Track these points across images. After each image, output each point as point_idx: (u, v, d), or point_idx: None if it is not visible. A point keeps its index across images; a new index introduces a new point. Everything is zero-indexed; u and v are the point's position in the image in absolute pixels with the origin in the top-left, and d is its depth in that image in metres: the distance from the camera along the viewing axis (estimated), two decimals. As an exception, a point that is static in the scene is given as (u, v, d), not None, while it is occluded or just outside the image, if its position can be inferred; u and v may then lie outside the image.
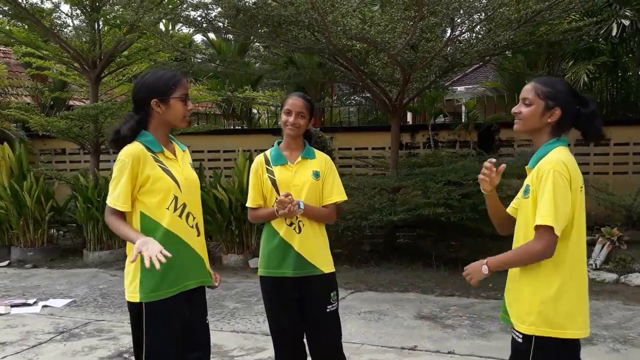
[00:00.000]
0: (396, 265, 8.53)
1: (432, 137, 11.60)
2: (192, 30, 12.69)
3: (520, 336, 2.70)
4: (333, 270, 3.66)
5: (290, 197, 3.43)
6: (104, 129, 10.07)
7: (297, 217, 3.53)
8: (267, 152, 3.71)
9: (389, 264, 8.58)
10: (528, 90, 2.73)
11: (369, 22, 7.59)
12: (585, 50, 11.57)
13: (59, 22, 10.66)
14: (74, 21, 11.00)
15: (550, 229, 2.53)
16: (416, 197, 8.56)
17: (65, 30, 10.89)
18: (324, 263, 3.61)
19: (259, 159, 3.70)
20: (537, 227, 2.57)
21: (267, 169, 3.63)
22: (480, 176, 2.94)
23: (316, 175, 3.60)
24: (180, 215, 2.94)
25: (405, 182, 8.66)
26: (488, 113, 12.09)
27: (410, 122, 16.88)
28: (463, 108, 15.88)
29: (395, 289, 7.36)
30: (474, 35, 8.65)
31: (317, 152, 3.72)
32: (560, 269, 2.63)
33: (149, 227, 2.89)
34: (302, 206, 3.48)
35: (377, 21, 7.63)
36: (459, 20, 7.98)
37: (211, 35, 18.15)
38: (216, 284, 3.20)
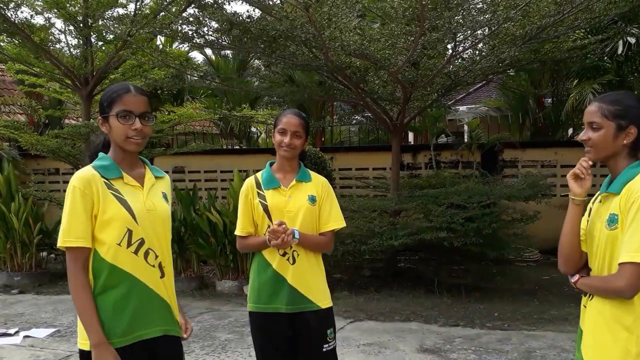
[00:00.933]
0: (397, 292, 8.17)
1: (434, 157, 11.30)
2: (187, 47, 12.51)
3: None
4: (330, 304, 3.35)
5: (284, 226, 3.12)
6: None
7: (291, 247, 3.22)
8: (258, 175, 3.39)
9: (390, 291, 8.21)
10: (593, 112, 2.38)
11: (368, 37, 7.30)
12: (591, 68, 11.30)
13: (50, 37, 10.42)
14: (66, 37, 10.79)
15: (638, 265, 2.16)
16: (418, 220, 8.22)
17: (56, 46, 10.66)
18: (321, 297, 3.30)
19: (249, 182, 3.38)
20: (623, 264, 2.19)
21: (258, 193, 3.32)
22: (576, 171, 2.46)
23: (312, 200, 3.30)
24: (136, 252, 2.51)
25: (407, 204, 8.33)
26: (491, 133, 11.79)
27: (412, 142, 16.60)
28: (466, 128, 15.62)
29: (396, 318, 7.00)
30: (477, 52, 8.36)
31: (314, 175, 3.42)
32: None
33: (98, 266, 2.48)
34: (297, 235, 3.16)
35: (376, 37, 7.34)
36: (461, 37, 7.71)
37: (209, 53, 17.98)
38: (185, 335, 2.73)
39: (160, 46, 14.68)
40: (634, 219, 2.19)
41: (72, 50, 10.67)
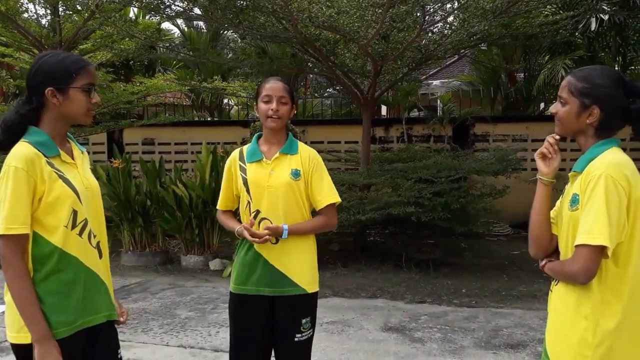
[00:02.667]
0: (365, 267, 8.13)
1: (406, 131, 11.24)
2: (158, 17, 12.23)
3: None
4: (315, 290, 3.14)
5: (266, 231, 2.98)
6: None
7: (271, 224, 3.02)
8: (245, 147, 3.21)
9: (358, 266, 8.18)
10: (563, 86, 2.30)
11: (336, 9, 7.14)
12: (562, 44, 11.29)
13: (17, 6, 10.10)
14: (35, 6, 10.49)
15: (592, 248, 2.07)
16: (386, 194, 8.16)
17: (24, 15, 10.34)
18: (305, 280, 3.08)
19: (234, 154, 3.21)
20: (577, 247, 2.11)
21: (240, 165, 3.14)
22: (543, 150, 2.37)
23: (295, 174, 3.07)
24: (80, 234, 2.35)
25: (376, 179, 8.25)
26: (463, 107, 11.74)
27: (385, 116, 16.50)
28: (438, 102, 15.56)
29: (362, 295, 6.95)
30: (448, 25, 8.26)
31: (301, 147, 3.18)
32: (617, 304, 2.14)
33: (42, 252, 2.28)
34: (285, 234, 2.99)
35: (345, 8, 7.18)
36: (430, 9, 7.58)
37: (182, 25, 17.62)
38: (121, 319, 2.57)
39: (133, 17, 14.37)
40: (589, 199, 2.12)
41: (40, 19, 10.40)
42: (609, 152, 2.21)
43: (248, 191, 3.07)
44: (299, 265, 3.07)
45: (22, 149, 2.27)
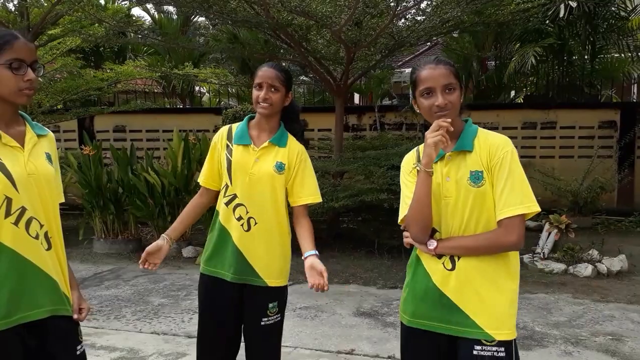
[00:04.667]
0: (339, 254, 8.16)
1: (379, 119, 11.28)
2: (126, 3, 12.07)
3: (502, 347, 2.25)
4: (282, 284, 3.10)
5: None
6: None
7: (247, 212, 2.98)
8: (234, 125, 3.13)
9: (331, 252, 8.20)
10: (446, 74, 2.36)
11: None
12: (533, 32, 11.42)
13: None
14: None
15: (522, 217, 2.25)
16: (359, 182, 8.18)
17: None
18: (271, 274, 3.03)
19: (221, 131, 3.14)
20: (510, 218, 2.22)
21: (227, 145, 3.07)
22: (443, 139, 2.25)
23: (279, 167, 3.00)
24: (16, 223, 2.15)
25: (348, 166, 8.27)
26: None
27: (358, 103, 16.53)
28: (410, 90, 15.63)
29: (335, 280, 6.96)
30: (421, 12, 8.26)
31: (291, 141, 3.10)
32: (517, 266, 2.37)
33: None
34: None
35: (317, -7, 7.15)
36: (403, -6, 7.57)
37: (152, 11, 17.43)
38: (76, 315, 2.38)
39: (103, 2, 14.16)
40: (508, 175, 2.24)
41: (6, 3, 10.21)
42: (484, 129, 2.39)
43: (229, 173, 3.02)
44: (267, 259, 3.03)
45: None
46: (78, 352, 2.36)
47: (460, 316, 2.29)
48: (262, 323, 3.03)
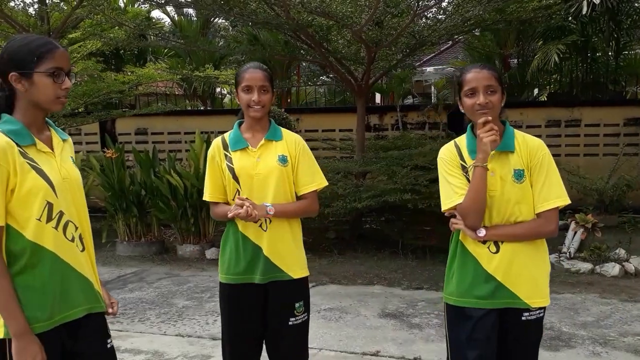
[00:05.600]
0: (362, 255, 8.11)
1: (401, 118, 11.21)
2: (147, 5, 12.13)
3: (542, 311, 2.72)
4: (304, 274, 3.12)
5: (247, 202, 2.90)
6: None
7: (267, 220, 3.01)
8: (226, 135, 3.13)
9: (355, 254, 8.15)
10: (487, 77, 2.66)
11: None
12: (556, 29, 11.27)
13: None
14: (22, -5, 10.42)
15: (558, 209, 2.64)
16: (382, 182, 8.12)
17: (10, 4, 10.23)
18: (294, 266, 3.07)
19: (215, 143, 3.12)
20: (548, 210, 2.61)
21: (225, 155, 3.07)
22: (495, 136, 2.60)
23: (283, 160, 3.03)
24: (56, 227, 2.23)
25: (371, 166, 8.22)
26: (458, 93, 11.69)
27: (380, 103, 16.46)
28: (432, 89, 15.52)
29: (359, 282, 6.93)
30: (442, 11, 8.19)
31: (285, 132, 3.14)
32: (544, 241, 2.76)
33: (15, 246, 2.17)
34: (269, 208, 2.95)
35: (338, -7, 7.12)
36: (425, -6, 7.52)
37: (172, 13, 17.52)
38: (110, 310, 2.48)
39: (122, 5, 14.25)
40: (547, 174, 2.62)
41: (27, 8, 10.30)
42: (518, 131, 2.74)
43: (237, 180, 3.02)
44: (289, 253, 3.06)
45: None
46: (108, 346, 2.44)
47: (506, 292, 2.65)
48: (290, 323, 3.05)
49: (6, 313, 2.12)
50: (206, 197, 3.14)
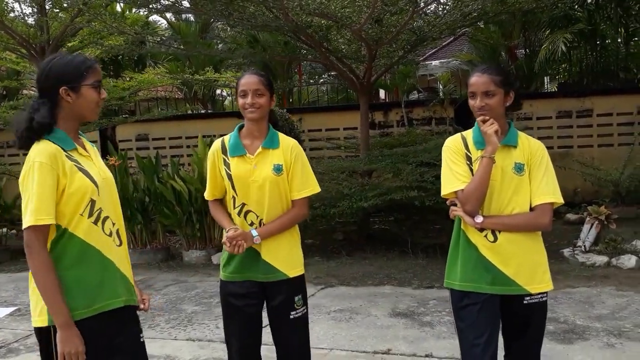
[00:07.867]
0: (371, 255, 7.99)
1: (406, 114, 11.07)
2: (146, 11, 12.06)
3: (544, 295, 2.87)
4: (300, 272, 3.22)
5: (238, 231, 3.05)
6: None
7: (257, 216, 3.12)
8: (226, 138, 3.21)
9: (363, 254, 8.04)
10: (484, 82, 2.83)
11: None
12: (562, 18, 11.09)
13: (2, 6, 9.96)
14: (20, 6, 10.36)
15: (552, 204, 2.82)
16: (387, 180, 8.01)
17: (10, 15, 10.20)
18: (290, 266, 3.17)
19: (215, 146, 3.23)
20: (544, 204, 2.80)
21: (224, 159, 3.18)
22: (495, 125, 2.81)
23: (277, 169, 3.12)
24: (96, 222, 2.50)
25: (376, 164, 8.11)
26: (463, 87, 11.54)
27: (384, 100, 16.33)
28: (438, 83, 15.36)
29: (369, 282, 6.82)
30: (441, 6, 8.09)
31: (282, 139, 3.22)
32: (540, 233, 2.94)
33: (62, 240, 2.44)
34: (255, 239, 3.07)
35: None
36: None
37: (170, 17, 17.43)
38: (142, 305, 2.74)
39: (120, 11, 14.18)
40: (545, 172, 2.83)
41: (26, 18, 10.27)
42: (522, 133, 2.93)
43: (233, 186, 3.13)
44: (286, 254, 3.17)
45: (44, 146, 2.44)
46: (141, 340, 2.71)
47: (506, 279, 2.82)
48: (291, 316, 3.18)
49: (52, 306, 2.36)
50: (206, 195, 3.30)
